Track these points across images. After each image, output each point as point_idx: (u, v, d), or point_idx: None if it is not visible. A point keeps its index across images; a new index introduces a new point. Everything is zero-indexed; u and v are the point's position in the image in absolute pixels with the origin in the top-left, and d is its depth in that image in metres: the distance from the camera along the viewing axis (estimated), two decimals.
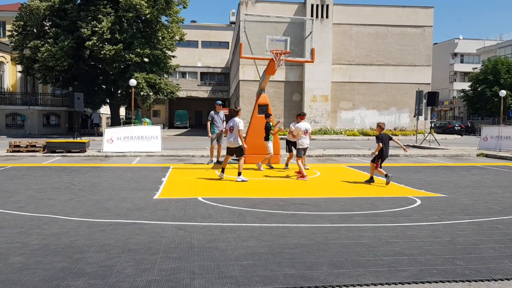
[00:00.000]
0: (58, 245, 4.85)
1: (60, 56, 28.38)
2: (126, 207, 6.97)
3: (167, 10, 31.31)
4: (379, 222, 6.05)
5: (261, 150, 13.77)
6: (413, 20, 37.64)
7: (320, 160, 15.70)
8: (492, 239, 5.23)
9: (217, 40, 60.94)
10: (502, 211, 6.84)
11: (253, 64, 15.08)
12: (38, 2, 29.10)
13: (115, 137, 17.09)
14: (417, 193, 8.59)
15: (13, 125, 34.57)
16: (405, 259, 4.45)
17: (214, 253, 4.61)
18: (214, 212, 6.61)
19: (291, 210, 6.80)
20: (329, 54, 36.18)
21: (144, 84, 29.91)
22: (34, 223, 5.85)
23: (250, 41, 13.10)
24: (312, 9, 35.88)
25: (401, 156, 16.98)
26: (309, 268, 4.16)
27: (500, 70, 46.58)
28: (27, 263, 4.25)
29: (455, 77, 67.69)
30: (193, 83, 56.98)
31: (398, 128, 37.53)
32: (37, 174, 11.08)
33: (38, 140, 18.08)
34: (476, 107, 49.07)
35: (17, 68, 36.29)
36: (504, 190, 9.06)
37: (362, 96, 37.89)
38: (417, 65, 38.03)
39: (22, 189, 8.63)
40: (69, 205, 7.07)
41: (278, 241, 5.07)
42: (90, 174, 11.08)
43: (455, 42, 66.58)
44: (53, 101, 37.14)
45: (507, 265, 4.30)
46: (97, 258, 4.40)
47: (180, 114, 56.66)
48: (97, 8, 29.34)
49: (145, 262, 4.29)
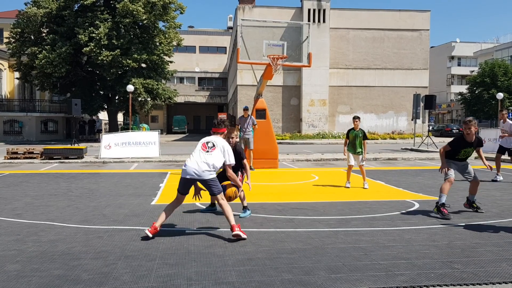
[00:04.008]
0: (54, 252, 4.83)
1: (57, 62, 28.42)
2: (124, 213, 6.95)
3: (164, 15, 31.40)
4: (377, 226, 6.04)
5: (265, 155, 13.79)
6: (410, 24, 37.80)
7: (318, 164, 15.70)
8: (490, 242, 5.23)
9: (215, 45, 61.12)
10: (500, 214, 6.84)
11: (251, 69, 15.11)
12: (35, 9, 29.17)
13: (112, 143, 17.08)
14: (415, 196, 8.58)
15: (11, 132, 34.55)
16: (402, 263, 4.44)
17: (211, 259, 4.59)
18: (212, 217, 6.60)
19: (289, 215, 6.78)
20: (326, 59, 36.29)
21: (141, 90, 29.94)
22: (31, 230, 5.83)
23: (247, 46, 13.13)
24: (309, 14, 36.02)
25: (399, 159, 17.00)
26: (306, 273, 4.15)
27: (497, 72, 46.72)
28: (23, 270, 4.23)
29: (452, 80, 67.92)
30: (191, 88, 57.04)
31: (396, 132, 37.61)
32: (34, 180, 11.05)
33: (36, 147, 18.06)
34: (474, 110, 49.16)
35: (14, 75, 36.31)
36: (502, 193, 9.06)
37: (359, 100, 37.98)
38: (414, 69, 38.16)
39: (19, 196, 8.61)
40: (66, 212, 7.04)
41: (275, 246, 5.06)
42: (88, 180, 11.05)
43: (452, 45, 66.86)
44: (51, 107, 37.14)
45: (505, 268, 4.29)
46: (94, 265, 4.38)
47: (178, 120, 56.68)
48: (94, 14, 29.42)
49: (142, 269, 4.27)
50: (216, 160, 5.45)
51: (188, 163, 5.41)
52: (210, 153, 5.46)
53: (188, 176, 5.36)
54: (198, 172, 5.33)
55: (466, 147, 6.65)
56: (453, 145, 6.74)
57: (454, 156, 6.76)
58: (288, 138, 33.95)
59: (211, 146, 5.53)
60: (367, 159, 17.05)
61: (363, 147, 9.60)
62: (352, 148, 9.66)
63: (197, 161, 5.39)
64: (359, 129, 9.60)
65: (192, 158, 5.44)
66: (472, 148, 6.68)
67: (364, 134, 9.61)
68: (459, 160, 6.79)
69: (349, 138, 9.66)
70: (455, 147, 6.71)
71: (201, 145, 5.58)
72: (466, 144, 6.62)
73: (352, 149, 9.67)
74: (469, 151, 6.71)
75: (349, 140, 9.69)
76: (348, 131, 9.80)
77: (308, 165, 15.42)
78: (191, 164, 5.38)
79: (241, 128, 13.39)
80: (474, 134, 6.55)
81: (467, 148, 6.65)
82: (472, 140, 6.58)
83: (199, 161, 5.38)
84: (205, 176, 5.35)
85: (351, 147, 9.67)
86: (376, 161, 16.81)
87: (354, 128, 9.62)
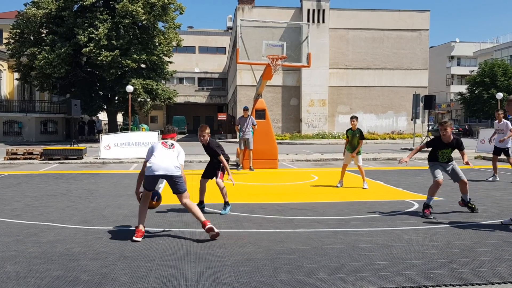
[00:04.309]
0: (53, 253, 4.83)
1: (57, 63, 28.39)
2: (123, 213, 6.95)
3: (164, 16, 31.37)
4: (376, 226, 6.04)
5: (265, 155, 13.78)
6: (410, 24, 37.81)
7: (317, 165, 15.70)
8: (489, 242, 5.22)
9: (214, 45, 61.12)
10: (500, 214, 6.83)
11: (250, 69, 15.11)
12: (34, 9, 29.15)
13: (112, 143, 17.08)
14: (415, 196, 8.58)
15: (11, 133, 34.53)
16: (402, 263, 4.44)
17: (210, 259, 4.59)
18: (211, 218, 6.58)
19: (288, 215, 6.78)
20: (326, 59, 36.29)
21: (141, 90, 29.92)
22: (30, 231, 5.83)
23: (247, 46, 13.13)
24: (309, 14, 36.01)
25: (398, 159, 16.99)
26: (305, 274, 4.14)
27: (497, 72, 46.74)
28: (23, 271, 4.22)
29: (452, 80, 67.92)
30: (191, 88, 57.05)
31: (396, 132, 37.62)
32: (34, 181, 11.04)
33: (36, 148, 18.05)
34: (473, 110, 49.19)
35: (14, 75, 36.29)
36: (501, 192, 9.06)
37: (359, 100, 37.99)
38: (414, 69, 38.17)
39: (18, 197, 8.60)
40: (65, 213, 7.04)
41: (275, 247, 5.06)
42: (87, 181, 11.05)
43: (451, 45, 66.85)
44: (51, 108, 37.12)
45: (504, 269, 4.29)
46: (93, 266, 4.37)
47: (178, 120, 56.66)
48: (93, 15, 29.40)
49: (141, 270, 4.27)
50: (179, 158, 5.51)
51: (155, 160, 5.38)
52: (172, 149, 5.51)
53: (157, 173, 5.33)
54: (168, 168, 5.32)
55: (443, 148, 6.68)
56: (430, 145, 6.87)
57: (436, 158, 6.82)
58: (287, 138, 33.94)
59: (170, 144, 5.59)
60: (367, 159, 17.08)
61: (358, 146, 9.66)
62: (351, 148, 9.72)
63: (164, 158, 5.39)
64: (357, 129, 9.66)
65: (157, 157, 5.43)
66: (450, 149, 6.70)
67: (361, 133, 9.69)
68: (444, 163, 6.83)
69: (348, 137, 9.75)
70: (432, 146, 6.83)
71: (160, 144, 5.61)
72: (443, 145, 6.66)
73: (351, 149, 9.73)
74: (447, 152, 6.73)
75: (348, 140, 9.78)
76: (346, 131, 9.90)
77: (308, 165, 15.42)
78: (159, 161, 5.36)
79: (241, 128, 13.39)
80: (451, 135, 6.60)
81: (444, 149, 6.68)
82: (449, 141, 6.62)
83: (167, 158, 5.39)
84: (174, 172, 5.35)
85: (350, 147, 9.75)
86: (375, 161, 16.81)
87: (351, 128, 9.69)
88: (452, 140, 6.61)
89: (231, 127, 37.75)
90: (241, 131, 13.38)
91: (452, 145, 6.67)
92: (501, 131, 11.17)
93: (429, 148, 6.90)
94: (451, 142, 6.63)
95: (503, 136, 10.93)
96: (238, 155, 14.42)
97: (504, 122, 11.15)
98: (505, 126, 11.10)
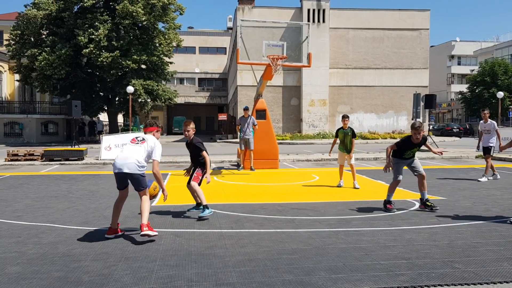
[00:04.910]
0: (55, 254, 4.83)
1: (57, 64, 28.43)
2: (124, 214, 6.93)
3: (164, 16, 31.41)
4: (378, 226, 6.03)
5: (265, 155, 13.77)
6: (410, 23, 37.78)
7: (318, 164, 15.70)
8: (491, 242, 5.21)
9: (215, 45, 61.12)
10: (501, 213, 6.83)
11: (251, 69, 15.11)
12: (35, 11, 29.18)
13: (113, 144, 17.07)
14: (416, 196, 8.55)
15: (12, 134, 34.57)
16: (403, 263, 4.44)
17: (211, 260, 4.59)
18: (212, 218, 6.59)
19: (289, 215, 6.78)
20: (326, 59, 36.28)
21: (141, 91, 29.95)
22: (32, 232, 5.83)
23: (247, 46, 13.12)
24: (309, 14, 36.00)
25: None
26: (307, 274, 4.14)
27: (498, 71, 46.73)
28: (24, 272, 4.22)
29: (452, 79, 67.87)
30: (191, 89, 57.05)
31: (397, 131, 37.58)
32: (35, 182, 11.05)
33: (36, 149, 18.06)
34: (474, 109, 49.16)
35: (15, 77, 36.35)
36: (502, 192, 9.05)
37: (360, 100, 37.97)
38: (414, 68, 38.14)
39: (20, 198, 8.61)
40: (66, 214, 7.04)
41: (276, 247, 5.05)
42: (88, 182, 11.05)
43: (452, 44, 66.79)
44: (51, 109, 37.17)
45: (506, 268, 4.28)
46: (94, 267, 4.37)
47: (178, 120, 56.70)
48: (93, 16, 29.44)
49: (142, 270, 4.27)
50: (145, 154, 5.42)
51: (118, 157, 5.36)
52: (139, 145, 5.45)
53: (116, 170, 5.31)
54: (129, 166, 5.28)
55: (413, 148, 7.12)
56: (400, 146, 7.12)
57: (401, 155, 7.17)
58: (288, 138, 33.93)
59: (140, 139, 5.51)
60: (368, 159, 17.06)
61: (351, 145, 9.64)
62: (343, 147, 9.71)
63: (126, 155, 5.35)
64: (348, 127, 9.66)
65: (121, 153, 5.42)
66: (417, 147, 7.15)
67: (353, 132, 9.68)
68: (406, 159, 7.22)
69: (339, 137, 9.73)
70: (403, 147, 7.10)
71: (130, 139, 5.57)
72: (413, 145, 7.07)
73: (344, 148, 9.72)
74: (415, 150, 7.20)
75: (339, 140, 9.75)
76: (337, 130, 9.88)
77: (309, 165, 15.42)
78: (121, 158, 5.33)
79: (241, 128, 13.39)
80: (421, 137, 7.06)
81: (414, 148, 7.14)
82: (418, 142, 7.03)
83: (128, 155, 5.35)
84: (133, 170, 5.30)
85: (343, 146, 9.73)
86: (376, 160, 16.80)
87: (343, 127, 9.67)
88: (421, 140, 7.02)
89: (231, 127, 37.76)
90: (242, 132, 13.38)
91: (420, 144, 7.10)
92: (488, 131, 11.21)
93: (399, 148, 7.13)
94: (420, 142, 7.04)
95: (490, 137, 11.08)
96: (239, 155, 14.41)
97: (491, 122, 11.19)
98: (491, 127, 11.15)
